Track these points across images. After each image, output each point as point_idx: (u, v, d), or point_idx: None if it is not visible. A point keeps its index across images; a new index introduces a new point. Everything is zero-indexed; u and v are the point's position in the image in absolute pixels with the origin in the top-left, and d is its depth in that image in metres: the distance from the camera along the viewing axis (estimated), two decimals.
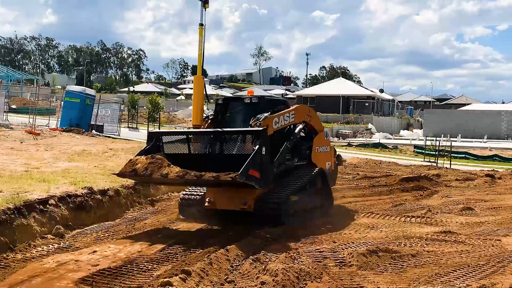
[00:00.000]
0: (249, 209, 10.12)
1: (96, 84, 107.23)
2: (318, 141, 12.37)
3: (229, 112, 11.80)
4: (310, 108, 12.90)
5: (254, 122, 10.22)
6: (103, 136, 27.95)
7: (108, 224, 10.52)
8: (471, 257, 8.15)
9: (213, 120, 11.57)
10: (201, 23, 11.80)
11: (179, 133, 12.77)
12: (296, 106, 11.91)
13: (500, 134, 50.50)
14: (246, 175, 9.00)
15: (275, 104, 11.62)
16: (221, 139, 10.60)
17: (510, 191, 16.06)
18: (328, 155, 12.96)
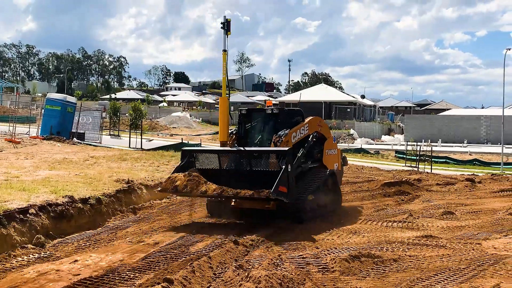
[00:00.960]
0: (272, 208, 11.32)
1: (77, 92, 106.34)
2: (328, 145, 13.79)
3: (252, 121, 13.13)
4: (320, 119, 14.25)
5: (277, 139, 11.76)
6: (84, 144, 27.74)
7: (89, 233, 10.43)
8: (452, 261, 8.23)
9: (237, 131, 12.97)
10: (224, 49, 13.21)
11: (210, 151, 13.74)
12: (309, 119, 13.15)
13: (479, 138, 51.17)
14: (277, 192, 10.18)
15: (292, 115, 13.12)
16: (248, 156, 11.65)
17: (490, 195, 16.26)
18: (336, 157, 14.35)
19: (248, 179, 11.07)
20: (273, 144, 11.79)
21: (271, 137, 12.08)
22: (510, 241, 9.60)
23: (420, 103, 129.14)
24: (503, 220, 11.88)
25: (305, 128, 12.70)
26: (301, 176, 11.97)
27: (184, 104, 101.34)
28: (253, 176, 11.32)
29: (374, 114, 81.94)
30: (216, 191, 10.68)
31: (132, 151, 25.68)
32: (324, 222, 11.46)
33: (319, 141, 13.37)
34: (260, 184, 10.47)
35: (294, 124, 12.57)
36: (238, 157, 12.01)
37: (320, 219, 11.75)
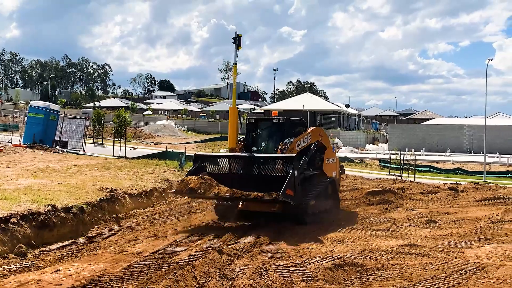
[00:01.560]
0: (278, 210, 12.25)
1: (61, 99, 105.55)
2: (328, 154, 14.58)
3: (259, 130, 14.05)
4: (321, 129, 15.25)
5: (283, 146, 12.64)
6: (67, 152, 27.48)
7: (72, 242, 10.31)
8: (435, 269, 8.28)
9: (245, 139, 13.78)
10: (235, 62, 14.44)
11: (220, 157, 14.40)
12: (312, 129, 14.02)
13: (462, 147, 51.68)
14: (285, 195, 11.03)
15: (296, 124, 13.98)
16: (257, 162, 12.53)
17: (473, 204, 16.42)
18: (335, 165, 15.14)
19: (256, 183, 11.86)
20: (279, 151, 12.68)
21: (277, 145, 13.05)
22: (492, 249, 9.70)
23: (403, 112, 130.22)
24: (485, 228, 11.99)
25: (307, 137, 13.51)
26: (304, 182, 12.55)
27: (169, 112, 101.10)
28: (261, 180, 12.15)
29: (358, 123, 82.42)
30: (227, 193, 11.51)
31: (115, 159, 25.51)
32: (308, 231, 11.47)
33: (319, 150, 14.14)
34: (267, 187, 11.34)
35: (297, 133, 13.44)
36: (247, 162, 12.76)
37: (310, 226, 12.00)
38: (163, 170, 20.14)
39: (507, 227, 12.12)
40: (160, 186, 16.69)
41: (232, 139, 13.79)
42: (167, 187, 16.96)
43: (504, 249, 9.70)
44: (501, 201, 16.63)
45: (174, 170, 20.34)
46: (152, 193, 15.80)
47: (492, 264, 8.47)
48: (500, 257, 9.06)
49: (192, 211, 14.26)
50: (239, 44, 14.27)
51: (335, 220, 13.07)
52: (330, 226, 12.20)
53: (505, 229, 11.87)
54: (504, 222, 12.81)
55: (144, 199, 15.10)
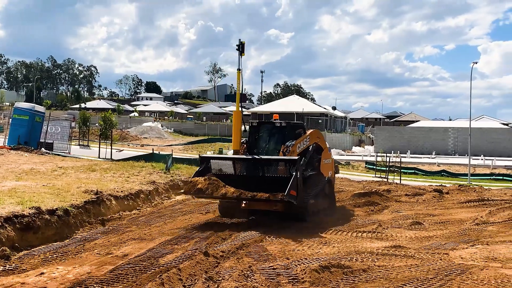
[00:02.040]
0: (280, 209, 12.71)
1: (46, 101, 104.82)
2: (325, 155, 15.15)
3: (261, 132, 14.63)
4: (318, 131, 15.90)
5: (285, 149, 13.37)
6: (52, 154, 27.27)
7: (56, 245, 10.22)
8: (420, 271, 8.33)
9: (247, 141, 14.43)
10: (239, 68, 14.73)
11: (225, 159, 14.71)
12: (310, 132, 14.65)
13: (447, 150, 52.11)
14: (289, 195, 11.69)
15: (296, 127, 14.62)
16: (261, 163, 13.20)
17: (458, 206, 16.56)
18: (330, 165, 15.76)
19: (259, 184, 12.46)
20: (281, 153, 13.40)
21: (278, 147, 13.75)
22: (476, 251, 9.79)
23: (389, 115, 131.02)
24: (469, 230, 12.10)
25: (307, 140, 14.20)
26: (304, 182, 12.96)
27: (156, 114, 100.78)
28: (264, 181, 12.81)
29: (345, 125, 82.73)
30: (234, 193, 12.15)
31: (101, 161, 25.35)
32: (294, 233, 11.48)
33: (317, 151, 14.69)
34: (270, 188, 12.05)
35: (297, 135, 14.10)
36: (252, 164, 13.41)
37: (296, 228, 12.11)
38: (150, 172, 20.05)
39: (491, 229, 12.25)
40: (146, 189, 16.61)
41: (236, 141, 14.39)
42: (153, 190, 16.89)
43: (488, 250, 9.80)
44: (485, 203, 16.79)
45: (161, 172, 20.26)
46: (138, 195, 15.72)
47: (477, 266, 8.54)
48: (485, 259, 9.15)
49: (178, 213, 14.22)
50: (242, 51, 14.74)
51: (321, 222, 13.10)
52: (316, 228, 12.23)
53: (489, 231, 12.00)
54: (488, 223, 12.94)
55: (130, 201, 15.02)
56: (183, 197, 17.28)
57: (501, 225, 12.73)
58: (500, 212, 14.77)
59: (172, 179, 19.56)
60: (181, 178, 20.34)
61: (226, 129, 70.36)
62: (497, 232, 11.90)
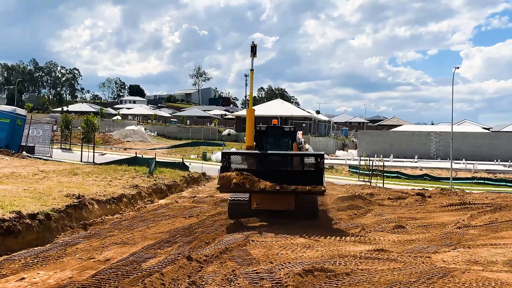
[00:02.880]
0: (291, 208, 13.30)
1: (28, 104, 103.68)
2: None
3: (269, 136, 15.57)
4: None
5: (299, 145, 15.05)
6: (34, 157, 26.99)
7: (37, 250, 10.07)
8: (402, 274, 8.37)
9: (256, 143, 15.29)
10: (252, 69, 15.49)
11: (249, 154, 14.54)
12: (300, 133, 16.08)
13: (429, 154, 52.63)
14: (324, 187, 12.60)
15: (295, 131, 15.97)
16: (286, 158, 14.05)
17: (440, 209, 16.70)
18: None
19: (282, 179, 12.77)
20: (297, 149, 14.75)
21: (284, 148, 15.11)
22: (458, 254, 9.87)
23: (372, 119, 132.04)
24: (451, 233, 12.20)
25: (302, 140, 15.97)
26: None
27: (139, 117, 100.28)
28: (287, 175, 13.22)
29: (328, 129, 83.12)
30: (273, 187, 12.40)
31: (83, 165, 25.13)
32: (278, 237, 11.48)
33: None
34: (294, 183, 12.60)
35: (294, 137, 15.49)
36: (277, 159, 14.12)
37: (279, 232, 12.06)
38: (132, 176, 19.92)
39: (472, 232, 12.37)
40: (129, 192, 16.49)
41: (250, 138, 15.22)
42: (136, 193, 16.78)
43: (470, 253, 9.89)
44: (467, 207, 16.96)
45: (144, 176, 20.15)
46: (121, 199, 15.60)
47: (459, 269, 8.61)
48: (466, 262, 9.23)
49: (162, 217, 14.13)
50: (254, 53, 15.35)
51: (305, 225, 13.11)
52: (299, 231, 12.23)
53: (471, 234, 12.11)
54: (470, 227, 13.07)
55: (113, 205, 14.89)
56: (166, 201, 17.21)
57: (483, 229, 12.86)
58: (481, 215, 14.93)
59: (155, 183, 19.46)
60: (165, 182, 20.25)
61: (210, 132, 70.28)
62: (478, 235, 12.01)
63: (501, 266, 8.91)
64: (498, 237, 11.65)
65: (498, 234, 12.11)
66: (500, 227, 12.94)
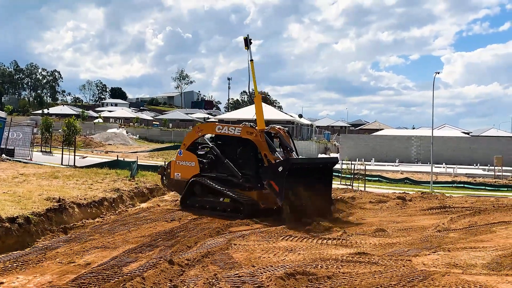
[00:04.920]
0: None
1: (8, 106, 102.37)
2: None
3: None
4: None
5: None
6: (13, 160, 26.65)
7: (16, 254, 9.94)
8: (383, 277, 8.43)
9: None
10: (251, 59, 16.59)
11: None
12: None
13: (410, 158, 53.08)
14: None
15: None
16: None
17: (420, 213, 16.84)
18: None
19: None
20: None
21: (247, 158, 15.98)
22: (438, 257, 9.96)
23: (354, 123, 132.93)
24: (432, 237, 12.31)
25: None
26: None
27: (121, 120, 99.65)
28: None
29: (311, 133, 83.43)
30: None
31: (64, 168, 24.88)
32: (260, 241, 11.48)
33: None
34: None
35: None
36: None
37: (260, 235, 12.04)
38: (114, 179, 19.78)
39: (452, 235, 12.50)
40: (110, 196, 16.37)
41: (261, 121, 15.98)
42: (117, 197, 16.66)
43: (450, 256, 9.99)
44: (447, 210, 17.13)
45: (125, 180, 20.02)
46: (102, 203, 15.48)
47: (439, 272, 8.69)
48: (446, 265, 9.32)
49: (143, 221, 14.04)
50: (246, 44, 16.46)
51: (287, 229, 13.13)
52: (282, 235, 12.25)
53: (451, 237, 12.24)
54: (450, 230, 13.20)
55: (94, 209, 14.77)
56: (148, 205, 17.12)
57: (462, 232, 13.00)
58: (461, 219, 15.10)
59: (137, 186, 19.34)
60: (146, 185, 20.13)
61: None
62: (458, 238, 12.14)
63: (480, 269, 9.03)
64: (478, 241, 11.79)
65: (477, 237, 12.26)
66: (479, 231, 13.10)
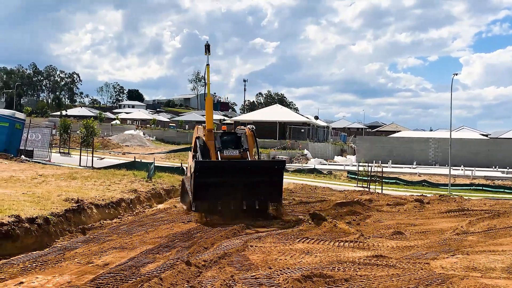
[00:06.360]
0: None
1: (27, 108, 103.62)
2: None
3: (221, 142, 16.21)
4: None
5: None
6: (32, 161, 26.97)
7: (36, 254, 10.06)
8: (401, 280, 8.37)
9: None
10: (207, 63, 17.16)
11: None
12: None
13: (428, 160, 52.65)
14: None
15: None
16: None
17: (438, 216, 16.70)
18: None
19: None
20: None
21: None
22: (457, 260, 9.87)
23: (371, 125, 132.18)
24: (450, 240, 12.20)
25: None
26: None
27: (138, 122, 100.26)
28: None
29: (327, 135, 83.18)
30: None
31: (82, 169, 25.12)
32: (277, 242, 11.48)
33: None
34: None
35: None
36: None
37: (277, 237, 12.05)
38: (131, 180, 19.91)
39: (471, 239, 12.37)
40: (128, 197, 16.49)
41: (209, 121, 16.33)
42: (135, 198, 16.78)
43: (469, 260, 9.89)
44: (465, 213, 16.97)
45: (142, 181, 20.15)
46: (120, 204, 15.59)
47: (457, 275, 8.61)
48: (465, 268, 9.23)
49: (160, 222, 14.12)
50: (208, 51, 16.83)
51: (303, 231, 13.11)
52: (298, 237, 12.23)
53: (469, 241, 12.11)
54: (469, 233, 13.07)
55: (111, 210, 14.88)
56: (165, 206, 17.21)
57: (481, 235, 12.86)
58: (480, 222, 14.93)
59: (154, 187, 19.46)
60: (163, 186, 20.25)
61: None
62: (477, 242, 12.02)
63: (500, 272, 8.92)
64: (497, 244, 11.66)
65: (496, 240, 12.12)
66: (498, 234, 12.95)
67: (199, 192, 14.16)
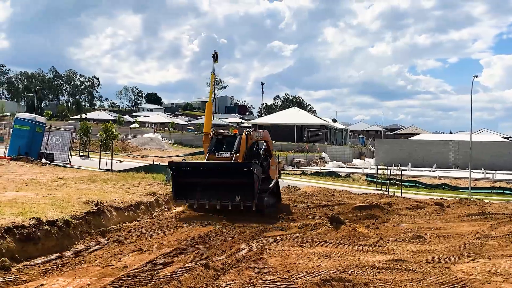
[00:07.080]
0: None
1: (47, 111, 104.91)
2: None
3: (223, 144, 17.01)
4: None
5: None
6: (53, 164, 27.26)
7: (56, 256, 10.16)
8: (421, 284, 8.29)
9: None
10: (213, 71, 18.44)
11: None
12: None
13: (448, 163, 52.11)
14: None
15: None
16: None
17: (459, 219, 16.51)
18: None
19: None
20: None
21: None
22: (478, 265, 9.74)
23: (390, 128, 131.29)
24: (471, 244, 12.06)
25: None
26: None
27: (156, 125, 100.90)
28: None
29: (345, 137, 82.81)
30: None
31: (102, 172, 25.34)
32: (295, 246, 11.45)
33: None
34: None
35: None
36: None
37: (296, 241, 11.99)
38: (150, 183, 20.02)
39: (492, 243, 12.21)
40: (147, 200, 16.58)
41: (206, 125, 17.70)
42: (153, 201, 16.85)
43: (490, 264, 9.76)
44: (486, 217, 16.75)
45: (161, 184, 20.24)
46: (139, 206, 15.68)
47: (478, 280, 8.50)
48: (486, 273, 9.11)
49: (179, 225, 14.17)
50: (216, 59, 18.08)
51: (321, 235, 13.06)
52: (316, 241, 12.19)
53: (490, 245, 11.95)
54: (490, 237, 12.90)
55: (131, 212, 14.98)
56: (183, 209, 17.24)
57: (502, 239, 12.68)
58: (501, 226, 14.73)
59: None
60: None
61: None
62: (498, 246, 11.85)
63: None
64: None
65: None
66: None
67: (178, 190, 15.96)
